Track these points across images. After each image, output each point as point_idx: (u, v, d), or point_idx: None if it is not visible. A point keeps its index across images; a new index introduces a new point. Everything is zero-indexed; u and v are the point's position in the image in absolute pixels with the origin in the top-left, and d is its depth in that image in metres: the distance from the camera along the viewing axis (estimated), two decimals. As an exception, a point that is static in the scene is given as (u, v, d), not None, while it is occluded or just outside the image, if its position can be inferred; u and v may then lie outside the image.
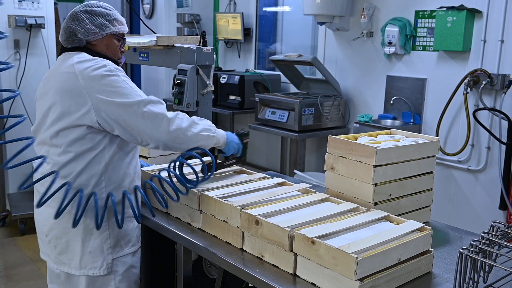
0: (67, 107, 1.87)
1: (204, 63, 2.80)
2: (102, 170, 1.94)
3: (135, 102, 1.86)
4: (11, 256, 4.03)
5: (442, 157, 3.72)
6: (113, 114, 1.84)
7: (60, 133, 1.89)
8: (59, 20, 8.67)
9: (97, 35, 1.99)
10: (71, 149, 1.89)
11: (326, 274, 1.53)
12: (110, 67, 1.90)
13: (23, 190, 1.84)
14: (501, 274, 1.53)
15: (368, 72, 4.34)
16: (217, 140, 2.06)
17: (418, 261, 1.65)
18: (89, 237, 1.96)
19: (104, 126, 1.88)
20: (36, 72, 4.67)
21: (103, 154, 1.93)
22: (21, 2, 4.53)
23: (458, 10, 3.50)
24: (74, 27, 1.96)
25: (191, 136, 1.94)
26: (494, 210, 3.46)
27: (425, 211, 2.17)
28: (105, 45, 2.03)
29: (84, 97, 1.85)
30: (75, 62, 1.90)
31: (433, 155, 2.14)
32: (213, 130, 2.04)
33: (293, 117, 4.21)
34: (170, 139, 1.90)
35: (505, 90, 3.35)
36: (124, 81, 1.89)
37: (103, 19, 2.00)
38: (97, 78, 1.85)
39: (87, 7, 2.01)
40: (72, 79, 1.87)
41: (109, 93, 1.84)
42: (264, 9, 5.68)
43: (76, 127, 1.88)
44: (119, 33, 2.05)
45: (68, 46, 2.01)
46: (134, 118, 1.85)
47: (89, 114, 1.85)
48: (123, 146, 2.00)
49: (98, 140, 1.91)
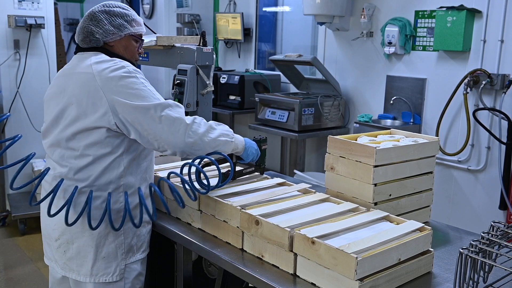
0: (83, 108, 1.82)
1: (204, 63, 2.81)
2: (121, 174, 1.89)
3: (152, 106, 1.80)
4: (11, 256, 4.03)
5: (442, 157, 3.72)
6: (130, 117, 1.79)
7: (77, 136, 1.84)
8: (59, 20, 8.68)
9: (115, 36, 1.94)
10: (89, 152, 1.84)
11: (326, 274, 1.53)
12: (128, 68, 1.86)
13: (16, 190, 1.78)
14: (501, 274, 1.53)
15: (368, 72, 4.34)
16: (235, 145, 1.98)
17: (418, 261, 1.65)
18: (104, 242, 1.90)
19: (121, 129, 1.83)
20: (36, 72, 4.67)
21: (121, 159, 1.88)
22: (21, 2, 4.53)
23: (458, 10, 3.50)
24: (92, 28, 1.92)
25: (209, 141, 1.88)
26: (494, 210, 3.46)
27: (425, 211, 2.17)
28: (123, 46, 1.98)
29: (101, 98, 1.80)
30: (93, 63, 1.86)
31: (433, 155, 2.14)
32: (231, 135, 1.97)
33: (293, 117, 4.21)
34: (187, 145, 1.84)
35: (505, 90, 3.36)
36: (142, 83, 1.84)
37: (122, 19, 1.95)
38: (115, 79, 1.81)
39: (106, 7, 1.95)
40: (90, 79, 1.82)
41: (126, 95, 1.79)
42: (264, 9, 5.68)
43: (94, 129, 1.82)
44: (137, 34, 2.01)
45: (85, 46, 1.96)
46: (150, 122, 1.79)
47: (106, 115, 1.80)
48: (142, 150, 1.95)
49: (117, 144, 1.86)
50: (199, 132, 1.85)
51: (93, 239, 1.88)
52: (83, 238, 1.88)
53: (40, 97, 4.68)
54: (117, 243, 1.92)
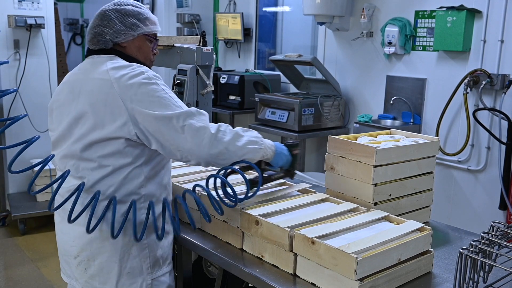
0: (100, 118, 1.70)
1: (204, 63, 2.81)
2: (141, 184, 1.78)
3: (174, 115, 1.68)
4: (11, 256, 4.03)
5: (442, 157, 3.72)
6: (151, 127, 1.68)
7: (93, 146, 1.72)
8: (59, 20, 8.68)
9: (127, 36, 1.82)
10: (108, 163, 1.73)
11: (326, 274, 1.53)
12: (148, 74, 1.73)
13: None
14: (501, 274, 1.53)
15: (368, 72, 4.34)
16: (264, 152, 1.84)
17: (418, 261, 1.65)
18: (127, 257, 1.79)
19: (142, 139, 1.72)
20: (36, 72, 4.67)
21: (141, 169, 1.77)
22: (21, 2, 4.53)
23: (458, 10, 3.50)
24: (102, 28, 1.80)
25: (235, 150, 1.74)
26: (494, 210, 3.46)
27: (425, 211, 2.17)
28: (136, 47, 1.86)
29: (120, 107, 1.68)
30: (109, 68, 1.73)
31: (433, 155, 2.14)
32: (259, 142, 1.82)
33: (293, 117, 4.21)
34: (213, 156, 1.71)
35: (505, 90, 3.35)
36: (163, 90, 1.72)
37: (134, 18, 1.82)
38: (135, 86, 1.68)
39: (117, 5, 1.83)
40: (107, 87, 1.70)
41: (146, 104, 1.67)
42: (264, 9, 5.68)
43: (112, 139, 1.71)
44: (151, 33, 1.88)
45: (93, 48, 1.85)
46: (173, 132, 1.67)
47: (126, 126, 1.69)
48: (161, 159, 1.85)
49: (137, 154, 1.75)
50: (224, 141, 1.72)
51: (116, 254, 1.77)
52: (105, 254, 1.77)
53: (40, 97, 4.72)
54: (141, 256, 1.81)
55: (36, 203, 4.61)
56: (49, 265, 3.86)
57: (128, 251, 1.79)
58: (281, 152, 1.93)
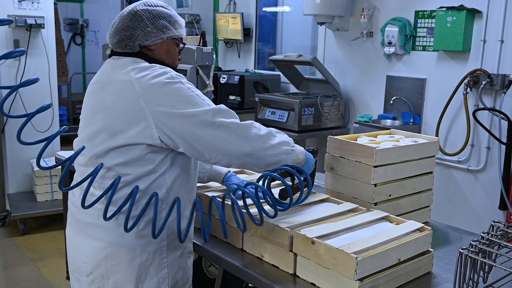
0: (121, 122, 1.59)
1: (204, 63, 2.81)
2: (164, 196, 1.66)
3: (202, 112, 1.56)
4: (11, 256, 4.03)
5: (442, 157, 3.72)
6: (177, 128, 1.56)
7: (111, 152, 1.61)
8: (59, 20, 8.69)
9: (156, 38, 1.71)
10: (129, 171, 1.61)
11: (326, 274, 1.53)
12: (171, 73, 1.63)
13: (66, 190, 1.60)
14: (501, 274, 1.53)
15: (368, 72, 4.34)
16: (295, 156, 1.71)
17: (418, 261, 1.65)
18: (145, 276, 1.66)
19: (167, 143, 1.59)
20: (36, 72, 4.67)
21: (164, 178, 1.65)
22: (21, 2, 4.53)
23: (458, 10, 3.50)
24: (132, 30, 1.68)
25: (269, 148, 1.62)
26: (494, 210, 3.46)
27: (425, 211, 2.17)
28: (165, 51, 1.75)
29: (141, 110, 1.57)
30: (130, 69, 1.64)
31: (433, 155, 2.14)
32: (291, 143, 1.72)
33: (293, 117, 4.21)
34: (245, 153, 1.58)
35: (505, 90, 3.36)
36: (188, 88, 1.61)
37: (165, 20, 1.72)
38: (158, 86, 1.58)
39: (148, 5, 1.72)
40: (128, 88, 1.60)
41: (171, 104, 1.56)
42: (264, 9, 5.68)
43: (133, 145, 1.59)
44: (179, 37, 1.79)
45: (118, 51, 1.72)
46: (201, 131, 1.55)
47: (148, 129, 1.57)
48: (186, 167, 1.73)
49: (159, 161, 1.63)
50: (258, 138, 1.60)
51: (133, 273, 1.65)
52: (121, 272, 1.65)
53: (40, 97, 4.72)
54: (160, 277, 1.69)
55: (36, 203, 4.61)
56: (49, 265, 3.86)
57: (145, 270, 1.67)
58: (310, 158, 1.82)
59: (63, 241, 3.30)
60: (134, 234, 1.62)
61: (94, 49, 9.14)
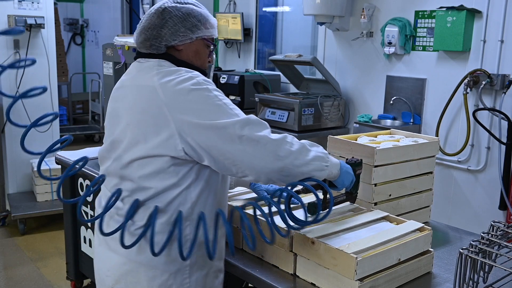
0: (143, 130, 1.49)
1: (204, 63, 2.80)
2: (188, 213, 1.54)
3: (230, 124, 1.43)
4: (11, 256, 4.03)
5: (442, 157, 3.72)
6: (202, 140, 1.44)
7: (134, 163, 1.51)
8: (59, 20, 8.69)
9: (185, 38, 1.59)
10: (150, 185, 1.50)
11: (326, 274, 1.53)
12: (198, 79, 1.50)
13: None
14: (501, 274, 1.53)
15: (368, 72, 4.34)
16: (329, 171, 1.57)
17: (418, 261, 1.65)
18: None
19: (191, 155, 1.48)
20: (36, 72, 4.67)
21: (188, 192, 1.53)
22: (21, 2, 4.53)
23: (458, 10, 3.50)
24: (159, 28, 1.57)
25: (301, 165, 1.48)
26: (494, 210, 3.46)
27: (425, 211, 2.17)
28: (194, 52, 1.63)
29: (165, 118, 1.45)
30: (155, 73, 1.53)
31: (433, 155, 2.14)
32: (326, 158, 1.56)
33: (293, 117, 4.21)
34: (275, 170, 1.45)
35: (505, 90, 3.35)
36: (216, 96, 1.48)
37: (195, 19, 1.60)
38: (183, 93, 1.46)
39: (177, 3, 1.61)
40: (152, 94, 1.49)
41: (197, 113, 1.44)
42: (264, 9, 5.68)
43: (155, 157, 1.48)
44: (210, 37, 1.66)
45: (143, 51, 1.62)
46: (229, 144, 1.42)
47: (171, 140, 1.46)
48: (213, 181, 1.60)
49: (183, 174, 1.51)
50: (290, 155, 1.46)
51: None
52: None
53: (40, 97, 4.69)
54: None
55: (36, 203, 4.61)
56: (49, 265, 3.86)
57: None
58: (346, 171, 1.66)
59: (63, 241, 3.31)
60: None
61: (94, 49, 9.15)
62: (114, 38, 3.13)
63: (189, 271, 1.58)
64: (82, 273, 3.21)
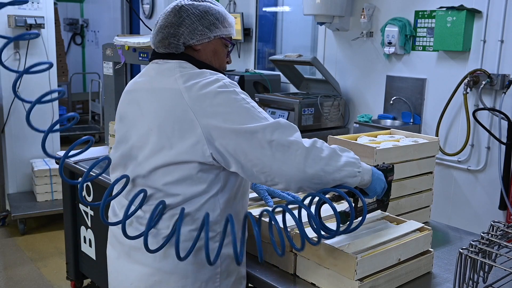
0: (168, 136, 1.43)
1: (204, 63, 2.79)
2: (217, 219, 1.49)
3: (259, 128, 1.37)
4: (11, 256, 4.03)
5: (442, 157, 3.72)
6: (229, 145, 1.38)
7: (159, 171, 1.45)
8: (59, 20, 8.69)
9: (203, 37, 1.54)
10: (177, 191, 1.45)
11: (326, 274, 1.53)
12: (224, 81, 1.45)
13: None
14: (500, 274, 1.53)
15: (368, 72, 4.34)
16: (361, 178, 1.49)
17: (418, 261, 1.65)
18: None
19: (219, 161, 1.42)
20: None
21: (217, 199, 1.49)
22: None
23: (458, 10, 3.50)
24: (177, 27, 1.51)
25: (333, 172, 1.41)
26: (494, 210, 3.46)
27: (425, 211, 2.17)
28: (212, 51, 1.58)
29: (191, 123, 1.40)
30: (178, 76, 1.47)
31: (433, 155, 2.14)
32: (358, 164, 1.48)
33: (293, 117, 4.21)
34: (307, 177, 1.37)
35: (505, 90, 3.35)
36: (243, 99, 1.43)
37: (213, 17, 1.55)
38: (209, 96, 1.40)
39: (194, 0, 1.56)
40: (177, 98, 1.43)
41: (224, 117, 1.38)
42: (264, 9, 5.68)
43: (183, 163, 1.43)
44: (228, 36, 1.62)
45: (161, 51, 1.56)
46: (257, 149, 1.36)
47: (199, 145, 1.40)
48: (240, 185, 1.56)
49: (211, 179, 1.46)
50: (321, 160, 1.39)
51: None
52: None
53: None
54: None
55: (36, 203, 4.61)
56: (49, 265, 3.86)
57: None
58: (378, 178, 1.57)
59: (63, 241, 3.31)
60: (187, 260, 1.44)
61: (94, 49, 9.15)
62: (114, 38, 3.13)
63: (219, 279, 1.55)
64: (82, 273, 3.21)
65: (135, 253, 1.52)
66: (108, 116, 3.47)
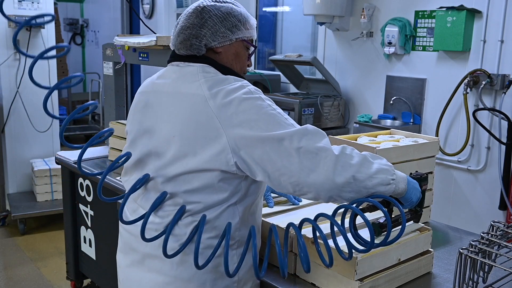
0: (191, 143, 1.38)
1: (204, 63, 2.79)
2: (236, 227, 1.45)
3: (286, 135, 1.32)
4: (11, 256, 4.03)
5: (442, 157, 3.72)
6: (256, 154, 1.33)
7: (179, 178, 1.41)
8: (59, 20, 8.69)
9: (225, 40, 1.49)
10: (197, 199, 1.41)
11: (326, 274, 1.53)
12: (249, 88, 1.41)
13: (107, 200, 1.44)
14: (500, 274, 1.53)
15: (368, 72, 4.34)
16: (396, 185, 1.41)
17: (418, 261, 1.65)
18: None
19: (244, 170, 1.38)
20: (36, 72, 4.64)
21: (236, 208, 1.45)
22: (21, 2, 4.53)
23: (458, 10, 3.50)
24: (198, 28, 1.47)
25: (364, 180, 1.34)
26: (494, 210, 3.46)
27: (425, 211, 2.17)
28: (233, 54, 1.53)
29: (216, 131, 1.35)
30: (203, 81, 1.42)
31: (433, 155, 2.14)
32: (391, 171, 1.41)
33: (293, 117, 4.21)
34: (337, 186, 1.31)
35: (505, 90, 3.36)
36: (269, 105, 1.40)
37: (235, 19, 1.51)
38: (234, 103, 1.36)
39: (216, 1, 1.51)
40: (201, 104, 1.38)
41: (250, 124, 1.34)
42: (264, 9, 5.68)
43: (205, 171, 1.38)
44: (249, 39, 1.57)
45: (182, 53, 1.50)
46: (285, 157, 1.31)
47: (223, 154, 1.36)
48: (259, 195, 1.53)
49: (232, 188, 1.42)
50: (351, 167, 1.33)
51: None
52: None
53: (40, 97, 4.71)
54: None
55: (36, 203, 4.61)
56: (49, 265, 3.86)
57: None
58: (413, 187, 1.50)
59: (63, 241, 3.31)
60: (205, 268, 1.39)
61: (94, 49, 9.15)
62: (114, 38, 3.13)
63: (236, 287, 1.52)
64: (82, 273, 3.21)
65: (150, 261, 1.48)
66: (108, 116, 3.47)
